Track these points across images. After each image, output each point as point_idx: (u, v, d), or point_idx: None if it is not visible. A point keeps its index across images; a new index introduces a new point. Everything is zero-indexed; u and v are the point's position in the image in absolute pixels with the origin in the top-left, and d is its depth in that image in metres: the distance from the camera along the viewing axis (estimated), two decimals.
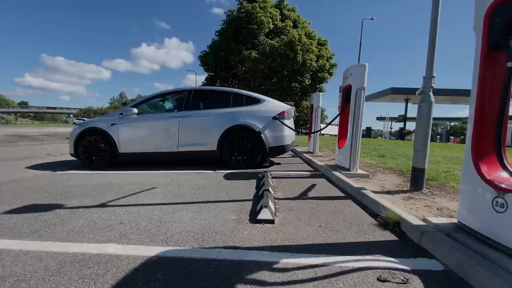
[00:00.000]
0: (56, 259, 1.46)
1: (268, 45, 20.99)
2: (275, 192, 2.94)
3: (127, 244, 1.67)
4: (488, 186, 1.41)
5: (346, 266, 1.43)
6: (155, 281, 1.27)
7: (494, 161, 1.47)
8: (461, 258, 1.37)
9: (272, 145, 4.64)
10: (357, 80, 3.67)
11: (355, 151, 3.71)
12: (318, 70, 22.52)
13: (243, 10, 22.18)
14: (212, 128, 4.62)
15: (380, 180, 3.40)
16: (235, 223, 2.05)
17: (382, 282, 1.28)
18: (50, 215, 2.19)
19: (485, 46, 1.48)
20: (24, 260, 1.45)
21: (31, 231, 1.85)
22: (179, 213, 2.27)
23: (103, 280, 1.27)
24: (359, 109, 3.63)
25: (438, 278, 1.33)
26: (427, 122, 2.69)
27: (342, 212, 2.34)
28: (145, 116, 4.83)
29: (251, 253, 1.57)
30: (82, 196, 2.78)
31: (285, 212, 2.33)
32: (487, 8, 1.45)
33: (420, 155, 2.74)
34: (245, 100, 4.82)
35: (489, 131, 1.49)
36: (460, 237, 1.56)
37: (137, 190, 3.04)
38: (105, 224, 2.00)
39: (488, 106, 1.50)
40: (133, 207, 2.40)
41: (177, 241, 1.72)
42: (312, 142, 6.66)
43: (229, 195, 2.87)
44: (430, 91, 2.67)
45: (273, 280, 1.30)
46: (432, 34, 2.63)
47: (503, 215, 1.33)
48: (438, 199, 2.51)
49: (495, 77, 1.47)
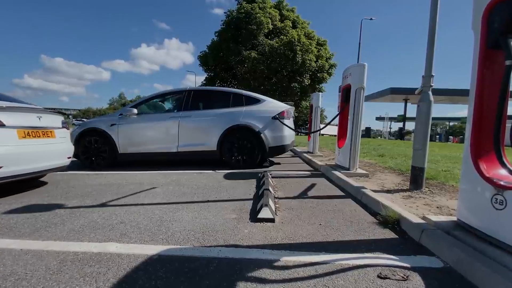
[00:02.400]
0: (57, 258, 1.47)
1: (267, 46, 21.01)
2: (275, 192, 2.95)
3: (128, 243, 1.67)
4: (487, 184, 1.42)
5: (346, 263, 1.44)
6: (156, 279, 1.28)
7: (493, 159, 1.48)
8: (460, 256, 1.38)
9: (272, 145, 4.65)
10: (356, 80, 3.68)
11: (354, 150, 3.72)
12: (317, 70, 22.53)
13: (242, 10, 22.19)
14: (212, 128, 4.62)
15: (380, 179, 3.41)
16: (235, 222, 2.06)
17: (383, 279, 1.29)
18: (50, 215, 2.19)
19: (484, 44, 1.49)
20: (25, 259, 1.45)
21: (32, 231, 1.85)
22: (179, 212, 2.27)
23: (105, 278, 1.28)
24: (359, 109, 3.64)
25: (438, 275, 1.33)
26: (426, 121, 2.70)
27: (342, 211, 2.35)
28: (145, 116, 4.83)
29: (252, 251, 1.58)
30: (83, 196, 2.78)
31: (286, 211, 2.34)
32: (485, 7, 1.46)
33: (419, 154, 2.74)
34: (245, 100, 4.82)
35: (488, 129, 1.50)
36: (460, 235, 1.57)
37: (137, 190, 3.04)
38: (106, 223, 2.00)
39: (487, 104, 1.51)
40: (133, 207, 2.41)
41: (177, 240, 1.73)
42: (311, 142, 6.67)
43: (229, 194, 2.88)
44: (429, 90, 2.68)
45: (273, 277, 1.30)
46: (431, 33, 2.65)
47: (502, 213, 1.34)
48: (437, 198, 2.52)
49: (493, 76, 1.48)
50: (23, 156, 2.70)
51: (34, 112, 2.94)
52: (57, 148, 3.16)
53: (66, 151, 3.32)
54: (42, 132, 2.96)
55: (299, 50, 20.81)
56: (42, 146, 2.94)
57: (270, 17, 22.17)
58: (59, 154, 3.19)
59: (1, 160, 2.49)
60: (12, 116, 2.66)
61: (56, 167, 3.13)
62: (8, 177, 2.58)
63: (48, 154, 3.02)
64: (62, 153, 3.24)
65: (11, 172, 2.58)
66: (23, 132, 2.72)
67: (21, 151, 2.68)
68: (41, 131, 2.94)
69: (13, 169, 2.59)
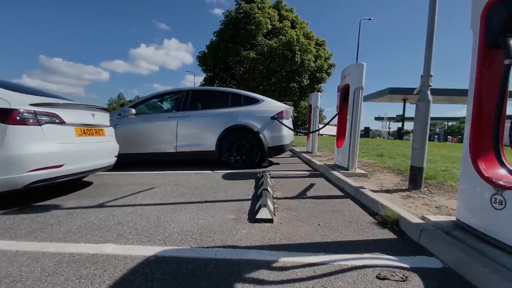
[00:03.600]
0: (52, 260, 1.45)
1: (266, 46, 21.01)
2: (274, 192, 2.93)
3: (125, 244, 1.66)
4: (486, 184, 1.41)
5: (345, 264, 1.43)
6: (153, 281, 1.26)
7: (492, 158, 1.47)
8: (460, 256, 1.37)
9: (271, 145, 4.64)
10: (355, 80, 3.68)
11: (353, 150, 3.71)
12: (316, 70, 22.54)
13: (241, 10, 22.17)
14: (211, 128, 4.61)
15: (379, 179, 3.41)
16: (233, 222, 2.04)
17: (381, 280, 1.28)
18: (47, 215, 2.17)
19: (482, 44, 1.48)
20: (21, 261, 1.43)
21: (28, 232, 1.83)
22: (177, 213, 2.26)
23: (100, 280, 1.26)
24: (357, 108, 3.64)
25: (437, 276, 1.33)
26: (425, 121, 2.69)
27: (341, 211, 2.34)
28: (144, 116, 4.82)
29: (250, 252, 1.56)
30: (80, 196, 2.76)
31: (284, 211, 2.33)
32: (484, 6, 1.45)
33: (418, 154, 2.74)
34: (244, 100, 4.81)
35: (487, 129, 1.49)
36: (459, 235, 1.56)
37: (135, 190, 3.02)
38: (103, 224, 1.98)
39: (485, 103, 1.50)
40: (131, 207, 2.39)
41: (175, 240, 1.71)
42: (310, 142, 6.67)
43: (227, 195, 2.87)
44: (428, 89, 2.67)
45: (272, 278, 1.29)
46: (429, 33, 2.64)
47: (502, 212, 1.33)
48: (436, 198, 2.51)
49: (492, 75, 1.47)
50: (81, 154, 2.68)
51: (88, 109, 2.91)
52: (107, 146, 3.14)
53: (114, 150, 3.31)
54: (95, 130, 2.94)
55: (298, 50, 20.81)
56: (95, 145, 2.92)
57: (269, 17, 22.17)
58: (109, 153, 3.16)
59: (63, 158, 2.47)
60: (69, 113, 2.63)
61: (106, 166, 3.11)
62: (69, 175, 2.56)
63: (100, 153, 3.00)
64: (111, 152, 3.22)
65: (71, 170, 2.56)
66: (80, 130, 2.70)
67: (79, 149, 2.66)
68: (94, 129, 2.91)
69: (73, 167, 2.58)
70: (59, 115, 2.52)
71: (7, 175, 2.18)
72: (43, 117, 2.39)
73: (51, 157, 2.40)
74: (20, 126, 2.24)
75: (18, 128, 2.22)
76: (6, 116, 2.19)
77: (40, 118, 2.37)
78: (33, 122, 2.31)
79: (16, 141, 2.20)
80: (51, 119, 2.45)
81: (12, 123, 2.20)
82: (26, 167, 2.24)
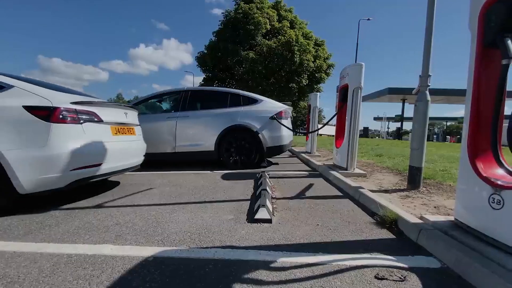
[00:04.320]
0: (50, 260, 1.44)
1: (265, 46, 21.00)
2: (272, 192, 2.93)
3: (123, 244, 1.65)
4: (485, 183, 1.41)
5: (343, 264, 1.43)
6: (151, 281, 1.26)
7: (490, 158, 1.47)
8: (458, 256, 1.37)
9: (270, 145, 4.64)
10: (354, 80, 3.68)
11: (352, 150, 3.71)
12: (315, 70, 22.54)
13: (240, 10, 22.16)
14: (210, 128, 4.61)
15: (378, 179, 3.41)
16: (232, 222, 2.04)
17: (380, 280, 1.28)
18: (45, 216, 2.16)
19: (480, 43, 1.48)
20: (18, 262, 1.43)
21: (25, 233, 1.82)
22: (176, 213, 2.25)
23: (98, 281, 1.26)
24: (356, 108, 3.64)
25: (435, 276, 1.33)
26: (423, 121, 2.70)
27: (340, 211, 2.34)
28: (142, 117, 4.78)
29: (249, 252, 1.56)
30: (78, 196, 2.75)
31: (283, 211, 2.33)
32: (482, 5, 1.45)
33: (417, 154, 2.74)
34: (243, 100, 4.81)
35: (485, 128, 1.49)
36: (457, 235, 1.56)
37: (133, 190, 3.01)
38: (101, 225, 1.98)
39: (483, 103, 1.50)
40: (129, 208, 2.38)
41: (173, 241, 1.71)
42: (309, 142, 6.67)
43: (226, 195, 2.86)
44: (426, 89, 2.68)
45: (270, 279, 1.29)
46: (427, 33, 2.65)
47: (500, 212, 1.33)
48: (435, 197, 2.52)
49: (490, 75, 1.48)
50: (116, 153, 2.67)
51: (121, 108, 2.91)
52: (137, 145, 3.13)
53: (143, 149, 3.30)
54: (127, 129, 2.93)
55: (297, 51, 20.81)
56: (128, 143, 2.92)
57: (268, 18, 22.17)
58: (138, 152, 3.15)
59: (101, 156, 2.46)
60: (106, 112, 2.63)
61: (136, 165, 3.10)
62: (105, 174, 2.55)
63: (131, 152, 2.99)
64: (140, 151, 3.21)
65: (107, 169, 2.55)
66: (115, 128, 2.70)
67: (114, 147, 2.65)
68: (126, 128, 2.91)
69: (109, 166, 2.57)
70: (97, 114, 2.51)
71: (50, 174, 2.15)
72: (83, 115, 2.39)
73: (91, 156, 2.40)
74: (63, 125, 2.22)
75: (61, 127, 2.20)
76: (49, 115, 2.16)
77: (81, 116, 2.37)
78: (74, 120, 2.31)
79: (59, 140, 2.18)
80: (90, 117, 2.45)
81: (55, 121, 2.17)
82: (69, 165, 2.21)
